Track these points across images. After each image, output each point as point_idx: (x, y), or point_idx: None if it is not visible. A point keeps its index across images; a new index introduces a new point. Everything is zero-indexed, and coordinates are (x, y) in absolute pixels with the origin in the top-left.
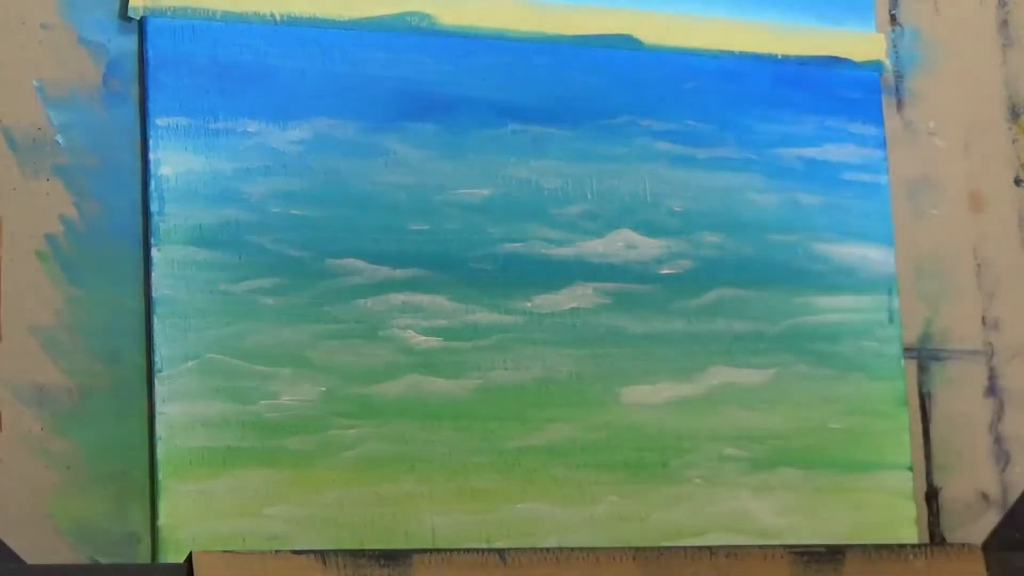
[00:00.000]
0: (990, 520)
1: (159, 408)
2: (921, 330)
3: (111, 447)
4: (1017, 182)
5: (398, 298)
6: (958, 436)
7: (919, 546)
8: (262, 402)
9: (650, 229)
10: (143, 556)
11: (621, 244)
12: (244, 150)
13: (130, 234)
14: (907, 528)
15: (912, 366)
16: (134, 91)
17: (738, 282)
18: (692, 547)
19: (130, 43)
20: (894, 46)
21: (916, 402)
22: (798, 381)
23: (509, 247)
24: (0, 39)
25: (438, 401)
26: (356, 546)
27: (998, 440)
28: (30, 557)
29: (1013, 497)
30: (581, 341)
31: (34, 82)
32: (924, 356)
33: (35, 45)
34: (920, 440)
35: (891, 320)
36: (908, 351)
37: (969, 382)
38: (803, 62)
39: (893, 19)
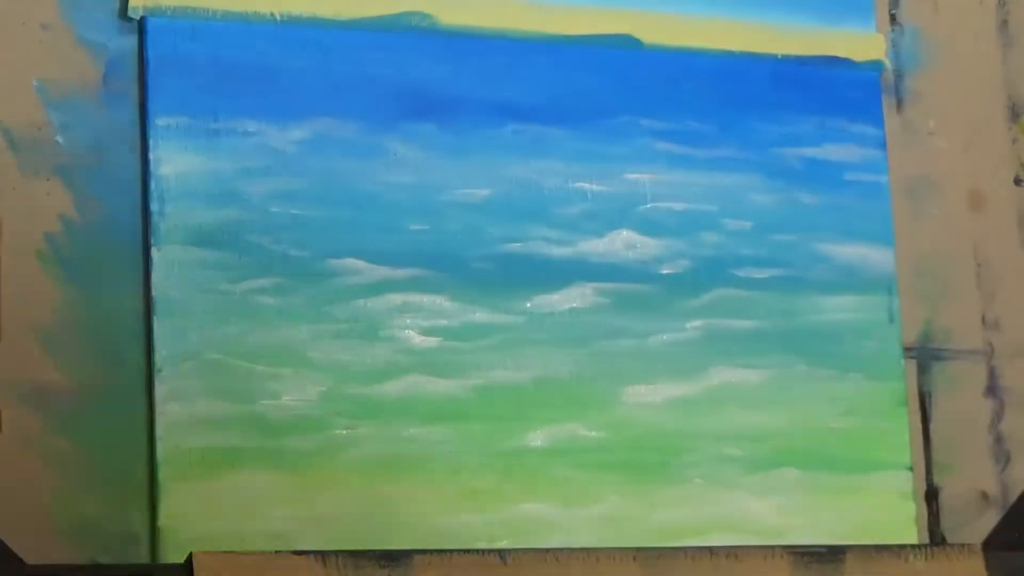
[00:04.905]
0: (990, 520)
1: (159, 408)
2: (921, 330)
3: (111, 447)
4: (1017, 182)
5: (398, 298)
6: (958, 436)
7: (919, 546)
8: (262, 402)
9: (650, 229)
10: (143, 556)
11: (621, 244)
12: (244, 150)
13: (130, 234)
14: (907, 528)
15: (912, 366)
16: (134, 91)
17: (738, 282)
18: (692, 547)
19: (130, 43)
20: (894, 46)
21: (916, 402)
22: (798, 381)
23: (509, 247)
24: (0, 39)
25: (438, 401)
26: (356, 546)
27: (998, 440)
28: (30, 557)
29: (1013, 497)
30: (581, 341)
31: (34, 82)
32: (924, 356)
33: (35, 45)
34: (920, 440)
35: (891, 320)
36: (908, 351)
37: (969, 382)
38: (803, 62)
39: (893, 19)
